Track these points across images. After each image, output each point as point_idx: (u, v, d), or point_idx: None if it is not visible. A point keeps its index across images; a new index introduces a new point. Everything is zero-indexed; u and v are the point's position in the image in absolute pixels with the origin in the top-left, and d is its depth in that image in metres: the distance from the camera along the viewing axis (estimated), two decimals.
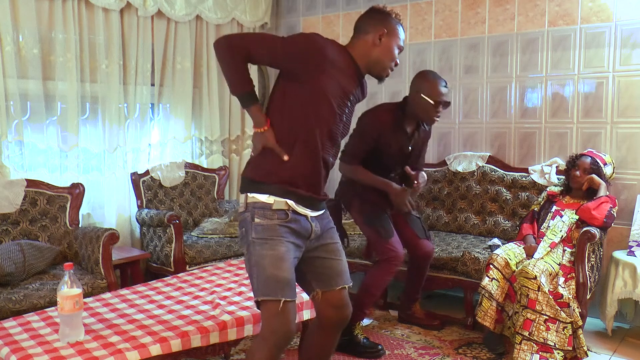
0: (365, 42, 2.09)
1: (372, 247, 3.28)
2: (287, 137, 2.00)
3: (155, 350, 2.10)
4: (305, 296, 2.39)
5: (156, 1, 4.00)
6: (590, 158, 3.28)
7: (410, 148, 3.17)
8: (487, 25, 4.05)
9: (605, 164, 3.33)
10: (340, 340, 3.08)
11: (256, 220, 1.99)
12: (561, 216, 3.25)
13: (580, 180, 3.24)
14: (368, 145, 3.06)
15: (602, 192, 3.15)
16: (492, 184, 3.95)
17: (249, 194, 2.03)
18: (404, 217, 3.31)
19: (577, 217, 3.16)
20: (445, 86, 3.05)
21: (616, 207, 3.18)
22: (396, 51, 2.13)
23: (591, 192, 3.22)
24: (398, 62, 2.17)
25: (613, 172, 3.45)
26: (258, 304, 2.00)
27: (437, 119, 3.08)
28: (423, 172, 3.03)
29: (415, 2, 4.34)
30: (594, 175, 3.21)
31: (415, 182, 2.92)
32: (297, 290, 2.04)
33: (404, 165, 3.09)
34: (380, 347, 3.09)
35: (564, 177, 3.47)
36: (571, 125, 3.76)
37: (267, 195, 1.99)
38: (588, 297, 3.02)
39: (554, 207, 3.32)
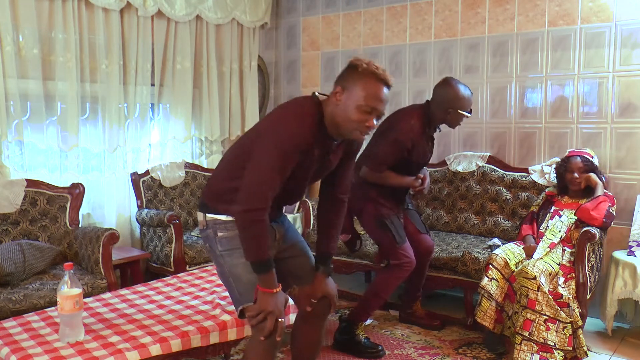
0: (330, 101, 1.97)
1: (385, 252, 3.26)
2: None
3: (155, 350, 2.10)
4: None
5: (156, 1, 4.00)
6: (579, 157, 3.28)
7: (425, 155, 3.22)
8: (487, 25, 4.05)
9: (592, 157, 3.34)
10: (341, 339, 3.13)
11: (219, 234, 2.07)
12: (560, 216, 3.25)
13: (579, 180, 3.24)
14: (402, 155, 3.07)
15: (599, 191, 3.15)
16: (492, 184, 3.94)
17: (207, 214, 2.10)
18: (405, 213, 3.32)
19: (576, 217, 3.16)
20: (471, 93, 3.16)
21: (615, 206, 3.19)
22: (356, 113, 1.91)
23: (588, 190, 3.22)
24: (372, 124, 1.94)
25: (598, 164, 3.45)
26: (242, 312, 2.03)
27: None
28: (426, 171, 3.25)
29: (415, 2, 4.34)
30: (591, 174, 3.21)
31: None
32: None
33: (422, 168, 3.20)
34: (380, 347, 3.09)
35: (555, 180, 3.46)
36: (571, 125, 3.76)
37: (226, 216, 2.07)
38: (588, 297, 3.02)
39: (553, 208, 3.32)
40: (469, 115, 3.12)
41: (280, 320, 1.96)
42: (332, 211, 2.29)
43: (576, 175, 3.23)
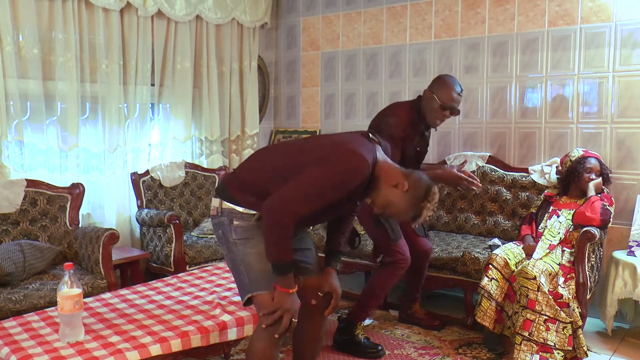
0: (390, 177, 2.05)
1: (380, 249, 3.26)
2: None
3: (155, 350, 2.10)
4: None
5: (156, 1, 4.00)
6: (596, 160, 3.29)
7: (418, 148, 3.20)
8: (487, 25, 4.05)
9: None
10: (340, 339, 3.12)
11: (235, 222, 2.10)
12: (558, 216, 3.25)
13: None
14: (399, 147, 3.03)
15: (591, 192, 3.17)
16: (492, 184, 3.94)
17: (225, 202, 2.12)
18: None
19: (573, 223, 3.17)
20: (460, 94, 3.06)
21: (613, 206, 3.20)
22: (400, 215, 2.11)
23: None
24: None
25: None
26: (249, 300, 2.07)
27: (439, 123, 3.09)
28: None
29: (415, 2, 4.34)
30: (600, 180, 3.25)
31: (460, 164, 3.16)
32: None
33: (417, 166, 3.17)
34: (380, 347, 3.09)
35: (559, 177, 3.45)
36: (571, 125, 3.76)
37: (244, 209, 2.10)
38: (588, 297, 3.02)
39: (551, 207, 3.33)
40: (446, 107, 3.00)
41: (293, 320, 2.02)
42: (342, 222, 2.33)
43: (594, 176, 3.24)
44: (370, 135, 2.15)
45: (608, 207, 3.12)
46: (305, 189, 1.95)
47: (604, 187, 3.29)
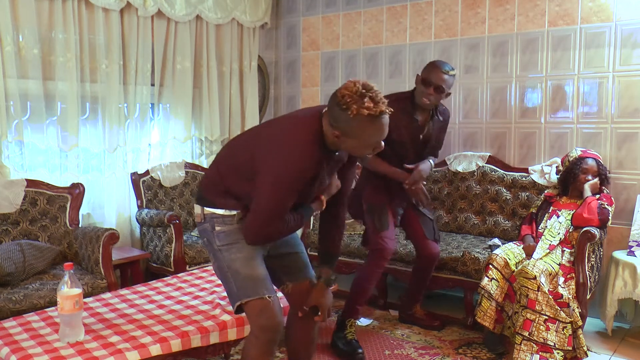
0: (328, 129, 1.92)
1: (368, 236, 3.29)
2: None
3: (155, 350, 2.10)
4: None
5: (156, 1, 4.00)
6: (594, 160, 3.28)
7: (421, 137, 3.19)
8: (487, 25, 4.05)
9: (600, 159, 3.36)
10: (339, 339, 3.11)
11: (217, 228, 2.07)
12: (558, 216, 3.25)
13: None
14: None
15: (587, 193, 3.18)
16: (492, 184, 3.94)
17: (206, 207, 2.11)
18: (416, 214, 3.31)
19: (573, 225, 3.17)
20: (447, 73, 3.00)
21: (613, 206, 3.20)
22: (363, 151, 1.95)
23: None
24: (382, 147, 1.92)
25: None
26: (239, 308, 2.04)
27: (425, 100, 3.04)
28: (427, 163, 3.18)
29: (415, 2, 4.34)
30: (597, 180, 3.24)
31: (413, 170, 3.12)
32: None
33: (419, 154, 3.18)
34: (360, 350, 3.01)
35: (558, 177, 3.45)
36: (571, 125, 3.76)
37: (224, 210, 2.08)
38: (588, 297, 3.02)
39: (551, 208, 3.33)
40: (427, 83, 2.98)
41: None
42: (335, 213, 2.29)
43: (590, 177, 3.24)
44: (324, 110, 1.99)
45: (606, 206, 3.12)
46: (268, 206, 1.92)
47: (603, 187, 3.29)
